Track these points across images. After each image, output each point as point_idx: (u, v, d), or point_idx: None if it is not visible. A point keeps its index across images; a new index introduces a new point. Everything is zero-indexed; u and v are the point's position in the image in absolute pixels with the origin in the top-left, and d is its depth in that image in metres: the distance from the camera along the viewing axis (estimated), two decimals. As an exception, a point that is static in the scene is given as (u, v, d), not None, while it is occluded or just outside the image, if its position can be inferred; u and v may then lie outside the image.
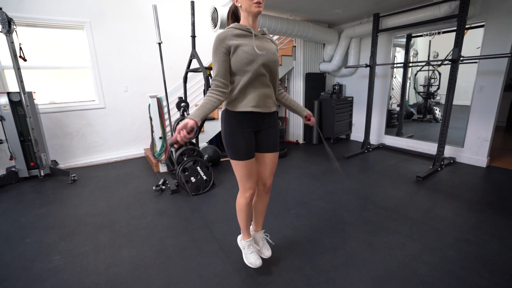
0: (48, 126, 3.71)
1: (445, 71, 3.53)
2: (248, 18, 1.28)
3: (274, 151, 1.48)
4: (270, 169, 1.49)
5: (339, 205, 2.46)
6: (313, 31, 4.09)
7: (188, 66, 3.23)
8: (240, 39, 1.25)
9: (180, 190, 2.89)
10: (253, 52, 1.24)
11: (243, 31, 1.26)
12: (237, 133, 1.34)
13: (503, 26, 3.00)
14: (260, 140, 1.44)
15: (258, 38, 1.31)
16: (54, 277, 1.64)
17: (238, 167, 1.39)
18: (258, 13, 1.25)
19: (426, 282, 1.52)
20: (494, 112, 3.21)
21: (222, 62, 1.24)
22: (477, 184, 2.85)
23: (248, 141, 1.36)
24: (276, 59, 1.34)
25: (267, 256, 1.66)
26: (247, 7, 1.23)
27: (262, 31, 1.35)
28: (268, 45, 1.34)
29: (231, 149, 1.37)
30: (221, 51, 1.23)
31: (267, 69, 1.31)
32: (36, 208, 2.59)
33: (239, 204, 1.52)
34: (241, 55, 1.23)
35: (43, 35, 3.65)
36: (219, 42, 1.23)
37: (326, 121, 4.70)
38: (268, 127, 1.44)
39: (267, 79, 1.34)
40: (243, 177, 1.40)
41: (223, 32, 1.25)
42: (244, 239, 1.63)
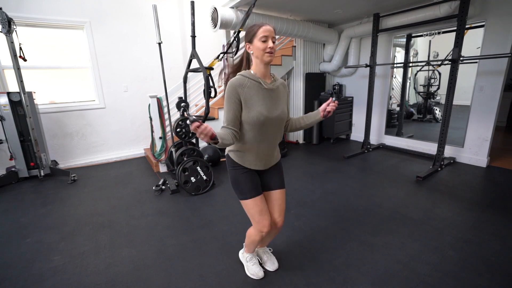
0: (48, 126, 3.71)
1: (445, 71, 3.53)
2: (259, 66, 1.26)
3: (280, 188, 1.45)
4: (278, 206, 1.45)
5: (339, 205, 2.46)
6: (313, 31, 4.09)
7: (188, 66, 3.23)
8: (253, 93, 1.23)
9: (180, 190, 2.89)
10: (265, 112, 1.24)
11: (256, 82, 1.25)
12: (241, 174, 1.36)
13: (503, 26, 3.00)
14: (265, 178, 1.44)
15: (271, 91, 1.29)
16: (54, 277, 1.64)
17: (248, 206, 1.37)
18: (270, 62, 1.24)
19: (426, 282, 1.52)
20: (494, 112, 3.21)
21: (235, 112, 1.23)
22: (477, 184, 2.85)
23: (252, 181, 1.37)
24: (284, 116, 1.34)
25: (273, 269, 1.64)
26: (258, 56, 1.22)
27: (273, 79, 1.33)
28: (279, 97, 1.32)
29: (238, 189, 1.38)
30: (233, 101, 1.22)
31: (277, 124, 1.31)
32: (36, 208, 2.59)
33: (251, 237, 1.49)
34: (255, 115, 1.22)
35: (43, 35, 3.65)
36: (233, 90, 1.21)
37: (326, 121, 4.69)
38: (271, 168, 1.44)
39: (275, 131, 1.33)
40: (255, 215, 1.37)
41: (237, 79, 1.23)
42: (247, 252, 1.63)
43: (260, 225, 1.37)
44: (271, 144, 1.35)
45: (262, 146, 1.31)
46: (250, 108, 1.23)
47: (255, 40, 1.20)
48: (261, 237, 1.41)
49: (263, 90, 1.26)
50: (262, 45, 1.19)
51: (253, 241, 1.48)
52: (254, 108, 1.23)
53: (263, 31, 1.18)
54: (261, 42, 1.19)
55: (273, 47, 1.20)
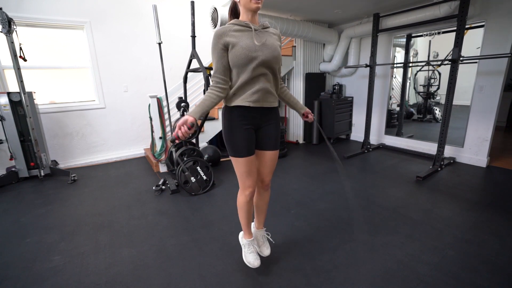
0: (48, 126, 3.71)
1: (445, 71, 3.53)
2: (247, 14, 1.26)
3: (274, 149, 1.46)
4: (269, 166, 1.48)
5: (339, 205, 2.46)
6: (313, 31, 4.09)
7: (188, 66, 3.23)
8: (239, 35, 1.22)
9: (180, 190, 2.89)
10: (252, 47, 1.21)
11: (242, 26, 1.24)
12: (236, 129, 1.33)
13: (503, 26, 3.00)
14: (260, 137, 1.42)
15: (258, 32, 1.27)
16: (54, 277, 1.64)
17: (238, 164, 1.37)
18: (257, 9, 1.23)
19: (426, 282, 1.52)
20: (494, 112, 3.21)
21: (221, 58, 1.23)
22: (477, 184, 2.85)
23: (248, 138, 1.35)
24: (277, 54, 1.30)
25: (266, 255, 1.66)
26: (245, 4, 1.22)
27: (263, 25, 1.32)
28: (270, 40, 1.30)
29: (230, 146, 1.36)
30: (219, 47, 1.22)
31: (268, 65, 1.28)
32: (36, 208, 2.59)
33: (239, 202, 1.52)
34: (239, 51, 1.20)
35: (43, 35, 3.65)
36: (217, 38, 1.22)
37: (326, 121, 4.70)
38: (269, 123, 1.41)
39: (268, 75, 1.31)
40: (242, 175, 1.39)
41: (222, 28, 1.23)
42: (245, 238, 1.63)
43: (246, 184, 1.39)
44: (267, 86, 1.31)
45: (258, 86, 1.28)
46: (236, 47, 1.21)
47: None
48: (245, 198, 1.43)
49: (249, 32, 1.25)
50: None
51: (241, 205, 1.49)
52: (239, 45, 1.21)
53: None
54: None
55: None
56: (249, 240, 1.62)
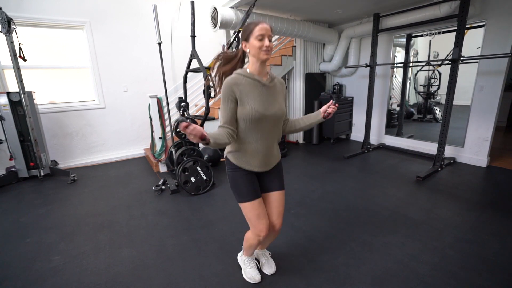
0: (48, 126, 3.71)
1: (445, 71, 3.54)
2: (256, 64, 1.25)
3: (280, 189, 1.42)
4: (277, 209, 1.42)
5: (339, 205, 2.46)
6: (313, 31, 4.09)
7: (188, 66, 3.23)
8: (249, 91, 1.22)
9: (180, 190, 2.88)
10: (261, 108, 1.22)
11: (252, 79, 1.24)
12: (239, 178, 1.34)
13: (503, 26, 2.99)
14: (264, 181, 1.41)
15: (267, 88, 1.27)
16: (54, 277, 1.64)
17: (246, 209, 1.36)
18: (266, 60, 1.23)
19: (426, 282, 1.52)
20: (494, 112, 3.21)
21: (231, 110, 1.22)
22: (477, 184, 2.85)
23: (251, 182, 1.35)
24: (282, 113, 1.31)
25: (269, 273, 1.62)
26: (255, 54, 1.21)
27: (271, 77, 1.31)
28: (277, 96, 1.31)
29: (237, 192, 1.36)
30: (229, 99, 1.21)
31: (274, 121, 1.29)
32: (36, 208, 2.59)
33: (248, 241, 1.48)
34: (249, 111, 1.21)
35: (43, 35, 3.65)
36: (229, 89, 1.20)
37: (326, 121, 4.67)
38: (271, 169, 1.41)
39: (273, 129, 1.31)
40: (252, 219, 1.36)
41: (232, 78, 1.22)
42: (245, 255, 1.62)
43: (257, 229, 1.35)
44: (270, 143, 1.33)
45: (260, 145, 1.29)
46: (245, 105, 1.21)
47: (251, 38, 1.19)
48: (258, 241, 1.40)
49: (259, 87, 1.25)
50: (259, 43, 1.18)
51: (251, 245, 1.47)
52: (249, 104, 1.21)
53: (260, 30, 1.17)
54: (257, 41, 1.17)
55: (269, 45, 1.19)
56: (249, 257, 1.61)
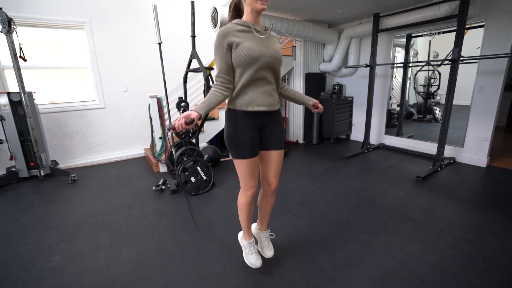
0: (48, 126, 3.71)
1: (445, 71, 3.53)
2: (251, 14, 1.25)
3: (279, 149, 1.43)
4: (275, 167, 1.44)
5: (339, 205, 2.46)
6: (313, 31, 4.09)
7: (188, 66, 3.23)
8: (242, 35, 1.22)
9: (180, 190, 2.89)
10: (256, 49, 1.21)
11: (246, 27, 1.24)
12: (241, 131, 1.31)
13: (503, 26, 2.99)
14: (264, 137, 1.40)
15: (261, 34, 1.28)
16: (54, 277, 1.64)
17: (241, 166, 1.35)
18: (262, 10, 1.23)
19: (426, 282, 1.52)
20: (494, 112, 3.21)
21: (225, 58, 1.23)
22: (477, 184, 2.85)
23: (252, 139, 1.33)
24: (279, 57, 1.32)
25: (269, 256, 1.64)
26: (251, 3, 1.21)
27: (265, 27, 1.32)
28: (272, 43, 1.31)
29: (234, 148, 1.34)
30: (223, 47, 1.21)
31: (270, 67, 1.29)
32: (36, 208, 2.59)
33: (240, 203, 1.50)
34: (243, 52, 1.20)
35: (43, 35, 3.65)
36: (222, 38, 1.21)
37: (326, 121, 4.70)
38: (272, 123, 1.40)
39: (269, 77, 1.31)
40: (245, 176, 1.37)
41: (226, 27, 1.22)
42: (245, 239, 1.62)
43: (247, 186, 1.37)
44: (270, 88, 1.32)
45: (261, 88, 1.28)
46: (239, 47, 1.20)
47: None
48: (247, 199, 1.41)
49: (253, 35, 1.25)
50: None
51: (242, 206, 1.46)
52: (243, 45, 1.20)
53: None
54: None
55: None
56: (249, 242, 1.61)
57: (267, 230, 1.70)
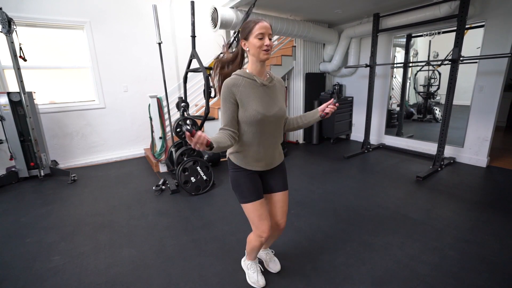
0: (48, 126, 3.71)
1: (445, 71, 3.53)
2: (256, 64, 1.23)
3: (283, 190, 1.41)
4: (281, 208, 1.42)
5: (339, 205, 2.46)
6: (313, 31, 4.09)
7: (188, 66, 3.23)
8: (249, 92, 1.20)
9: (180, 190, 2.89)
10: (261, 110, 1.20)
11: (251, 80, 1.22)
12: (242, 178, 1.32)
13: (503, 26, 2.99)
14: (267, 180, 1.40)
15: (267, 88, 1.26)
16: (54, 277, 1.64)
17: (248, 210, 1.34)
18: (266, 60, 1.21)
19: (426, 282, 1.52)
20: (494, 112, 3.21)
21: (232, 113, 1.20)
22: (477, 184, 2.85)
23: (254, 182, 1.33)
24: (283, 114, 1.30)
25: (276, 271, 1.62)
26: (255, 54, 1.19)
27: (270, 78, 1.30)
28: (277, 96, 1.30)
29: (238, 192, 1.35)
30: (230, 101, 1.19)
31: (275, 123, 1.28)
32: (36, 208, 2.59)
33: (251, 243, 1.46)
34: (250, 113, 1.19)
35: (43, 35, 3.65)
36: (228, 91, 1.18)
37: (326, 121, 4.70)
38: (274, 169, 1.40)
39: (273, 131, 1.30)
40: (254, 220, 1.34)
41: (231, 79, 1.20)
42: (249, 260, 1.60)
43: (259, 230, 1.34)
44: (272, 144, 1.32)
45: (262, 146, 1.28)
46: (246, 107, 1.19)
47: (251, 37, 1.17)
48: (261, 242, 1.38)
49: (258, 88, 1.23)
50: (258, 42, 1.15)
51: (254, 246, 1.45)
52: (250, 106, 1.19)
53: (259, 28, 1.15)
54: (257, 40, 1.15)
55: (269, 44, 1.16)
56: (253, 261, 1.59)
57: (268, 248, 1.70)
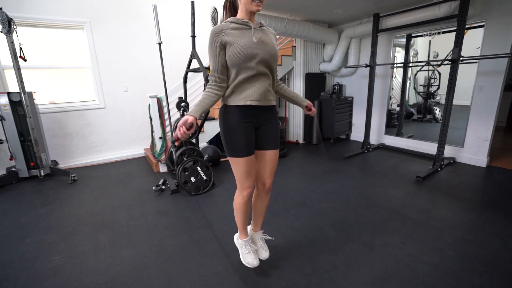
0: (48, 126, 3.71)
1: (445, 71, 3.53)
2: (246, 13, 1.24)
3: (274, 148, 1.41)
4: (270, 168, 1.43)
5: (339, 205, 2.46)
6: (313, 31, 4.09)
7: (188, 66, 3.23)
8: (237, 33, 1.21)
9: (180, 190, 2.89)
10: (251, 45, 1.19)
11: (240, 24, 1.23)
12: (236, 128, 1.30)
13: (503, 26, 3.00)
14: (260, 136, 1.39)
15: (256, 30, 1.26)
16: (54, 277, 1.64)
17: (236, 164, 1.34)
18: (257, 11, 1.22)
19: (426, 282, 1.52)
20: (494, 112, 3.21)
21: (218, 57, 1.21)
22: (477, 184, 2.85)
23: (247, 136, 1.31)
24: (275, 53, 1.29)
25: (265, 258, 1.62)
26: (246, 3, 1.20)
27: (260, 23, 1.30)
28: (267, 38, 1.29)
29: (229, 146, 1.32)
30: (216, 46, 1.20)
31: (266, 63, 1.27)
32: (36, 208, 2.59)
33: (236, 203, 1.49)
34: (237, 50, 1.18)
35: (43, 35, 3.65)
36: (214, 36, 1.20)
37: (326, 121, 4.70)
38: (269, 122, 1.39)
39: (265, 73, 1.29)
40: (241, 175, 1.35)
41: (219, 25, 1.21)
42: (241, 239, 1.61)
43: (244, 185, 1.35)
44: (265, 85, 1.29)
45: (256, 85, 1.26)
46: (234, 46, 1.19)
47: None
48: (243, 199, 1.39)
49: (248, 30, 1.23)
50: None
51: (238, 206, 1.45)
52: (238, 43, 1.19)
53: None
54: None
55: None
56: (245, 240, 1.60)
57: (261, 231, 1.69)
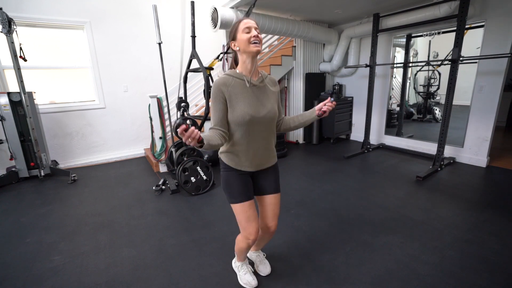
0: (48, 126, 3.71)
1: (445, 71, 3.53)
2: (246, 62, 1.21)
3: (274, 192, 1.40)
4: (272, 211, 1.40)
5: (339, 205, 2.46)
6: (313, 31, 4.09)
7: (188, 66, 3.23)
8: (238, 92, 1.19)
9: (180, 190, 2.89)
10: (250, 111, 1.18)
11: (240, 80, 1.20)
12: (233, 178, 1.30)
13: (503, 26, 2.99)
14: (259, 182, 1.38)
15: (257, 89, 1.23)
16: (54, 277, 1.64)
17: (236, 210, 1.34)
18: (257, 53, 1.19)
19: (426, 282, 1.52)
20: (494, 112, 3.21)
21: (221, 112, 1.19)
22: (477, 184, 2.85)
23: (243, 185, 1.31)
24: (274, 115, 1.26)
25: (265, 274, 1.61)
26: (245, 48, 1.17)
27: (261, 78, 1.27)
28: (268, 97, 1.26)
29: (227, 192, 1.33)
30: (219, 101, 1.18)
31: (266, 124, 1.25)
32: (36, 208, 2.59)
33: (239, 245, 1.44)
34: (238, 113, 1.17)
35: (43, 35, 3.65)
36: (217, 90, 1.17)
37: (326, 121, 4.70)
38: (266, 170, 1.37)
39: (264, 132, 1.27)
40: (242, 221, 1.33)
41: (221, 78, 1.19)
42: (239, 261, 1.60)
43: (246, 232, 1.33)
44: (262, 145, 1.28)
45: (252, 147, 1.25)
46: (235, 107, 1.18)
47: (238, 34, 1.17)
48: (248, 244, 1.36)
49: (248, 88, 1.21)
50: (246, 35, 1.15)
51: (241, 248, 1.43)
52: (239, 106, 1.18)
53: (244, 23, 1.16)
54: (244, 34, 1.15)
55: (257, 35, 1.16)
56: (243, 262, 1.59)
57: (259, 251, 1.68)
